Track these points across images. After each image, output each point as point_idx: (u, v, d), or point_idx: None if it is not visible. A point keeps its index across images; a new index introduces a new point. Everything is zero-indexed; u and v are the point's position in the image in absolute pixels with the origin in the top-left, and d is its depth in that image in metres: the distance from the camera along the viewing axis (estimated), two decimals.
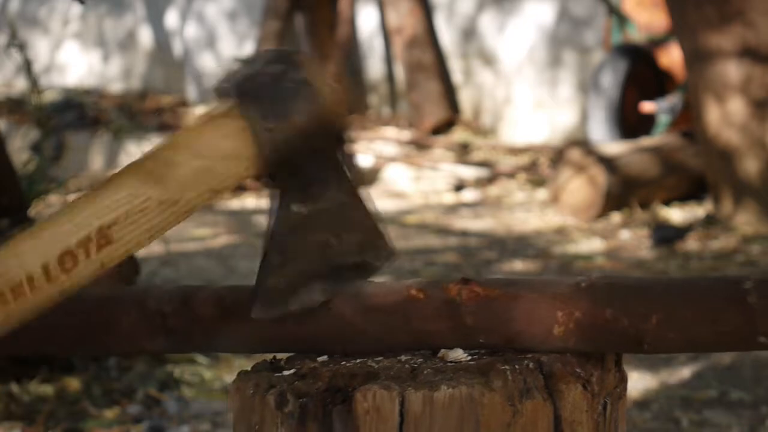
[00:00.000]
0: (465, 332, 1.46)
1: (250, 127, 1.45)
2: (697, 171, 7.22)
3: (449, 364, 1.45)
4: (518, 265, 5.99)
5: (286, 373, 1.45)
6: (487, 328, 1.45)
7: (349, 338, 1.50)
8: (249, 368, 1.48)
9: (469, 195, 8.22)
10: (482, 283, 1.46)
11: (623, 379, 1.50)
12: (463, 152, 9.12)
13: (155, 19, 10.79)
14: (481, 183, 8.45)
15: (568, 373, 1.43)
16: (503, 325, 1.45)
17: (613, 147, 7.35)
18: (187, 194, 1.45)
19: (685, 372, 4.32)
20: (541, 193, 7.95)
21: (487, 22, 9.66)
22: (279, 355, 1.51)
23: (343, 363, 1.46)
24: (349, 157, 1.51)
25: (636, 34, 8.35)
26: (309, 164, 1.47)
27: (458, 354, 1.47)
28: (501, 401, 1.39)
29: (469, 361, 1.46)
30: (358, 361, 1.47)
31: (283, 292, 1.47)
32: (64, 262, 1.41)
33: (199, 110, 10.17)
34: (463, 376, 1.40)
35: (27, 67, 4.74)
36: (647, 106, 8.12)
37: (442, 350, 1.48)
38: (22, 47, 4.69)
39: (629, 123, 8.09)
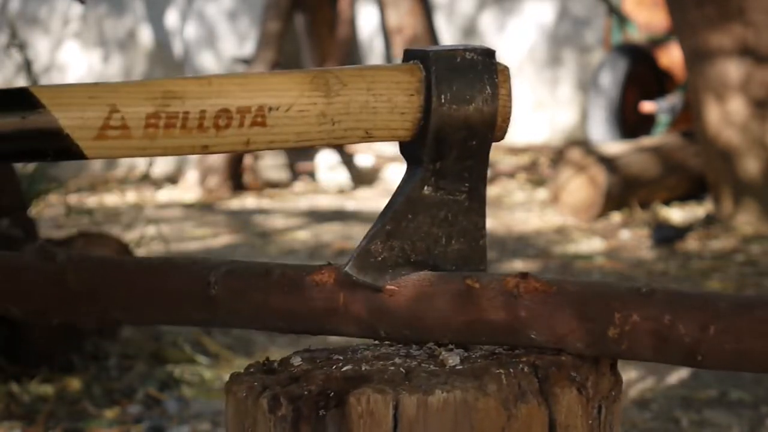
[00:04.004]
0: (517, 326, 1.45)
1: (427, 94, 1.46)
2: (697, 171, 7.22)
3: (444, 367, 1.44)
4: (518, 265, 5.99)
5: (279, 375, 1.44)
6: (540, 323, 1.44)
7: (401, 323, 1.49)
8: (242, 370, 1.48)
9: None
10: (540, 278, 1.45)
11: (618, 383, 1.49)
12: None
13: (155, 18, 10.79)
14: None
15: (563, 376, 1.42)
16: (557, 322, 1.43)
17: (613, 147, 7.34)
18: (345, 122, 1.45)
19: (685, 372, 4.31)
20: (541, 193, 7.95)
21: (488, 21, 9.65)
22: (272, 357, 1.51)
23: (337, 366, 1.46)
24: (487, 167, 1.52)
25: (636, 34, 8.35)
26: (458, 156, 1.48)
27: (455, 358, 1.46)
28: (495, 405, 1.38)
29: (464, 364, 1.45)
30: (352, 364, 1.46)
31: (378, 263, 1.48)
32: (219, 118, 1.40)
33: None
34: (457, 380, 1.39)
35: (27, 66, 4.74)
36: (647, 106, 8.12)
37: (443, 354, 1.48)
38: (22, 47, 4.69)
39: (629, 123, 8.09)
